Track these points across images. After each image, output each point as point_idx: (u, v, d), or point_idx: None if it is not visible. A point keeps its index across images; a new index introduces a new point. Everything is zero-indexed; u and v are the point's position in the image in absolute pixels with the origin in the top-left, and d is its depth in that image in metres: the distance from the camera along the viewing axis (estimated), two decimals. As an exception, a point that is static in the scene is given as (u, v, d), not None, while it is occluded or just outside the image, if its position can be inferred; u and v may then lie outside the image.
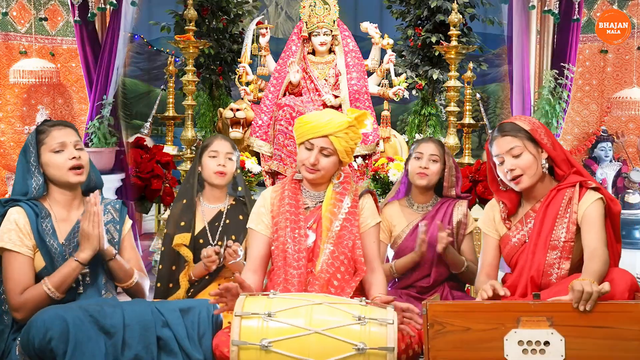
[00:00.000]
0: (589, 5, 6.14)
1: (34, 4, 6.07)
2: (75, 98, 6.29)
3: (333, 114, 2.62)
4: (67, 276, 2.37)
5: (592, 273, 2.23)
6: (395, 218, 3.14)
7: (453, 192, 3.15)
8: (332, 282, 2.49)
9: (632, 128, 6.29)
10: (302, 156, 2.59)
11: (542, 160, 2.50)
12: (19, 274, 2.37)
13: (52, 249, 2.42)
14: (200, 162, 3.10)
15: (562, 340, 2.04)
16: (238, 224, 3.07)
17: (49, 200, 2.51)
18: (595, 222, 2.40)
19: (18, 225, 2.40)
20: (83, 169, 2.49)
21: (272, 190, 2.69)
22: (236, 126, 4.55)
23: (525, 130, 2.50)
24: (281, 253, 2.54)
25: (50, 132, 2.48)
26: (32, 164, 2.47)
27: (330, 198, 2.59)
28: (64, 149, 2.46)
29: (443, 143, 3.23)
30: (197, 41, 4.45)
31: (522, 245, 2.55)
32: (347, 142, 2.56)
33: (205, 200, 3.12)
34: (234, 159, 3.10)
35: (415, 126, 5.68)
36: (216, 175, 3.04)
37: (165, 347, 2.26)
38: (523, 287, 2.46)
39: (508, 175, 2.50)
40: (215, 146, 3.08)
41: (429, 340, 2.11)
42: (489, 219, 2.67)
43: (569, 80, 4.60)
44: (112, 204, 2.63)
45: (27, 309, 2.34)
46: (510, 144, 2.48)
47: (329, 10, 4.65)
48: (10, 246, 2.38)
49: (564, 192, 2.48)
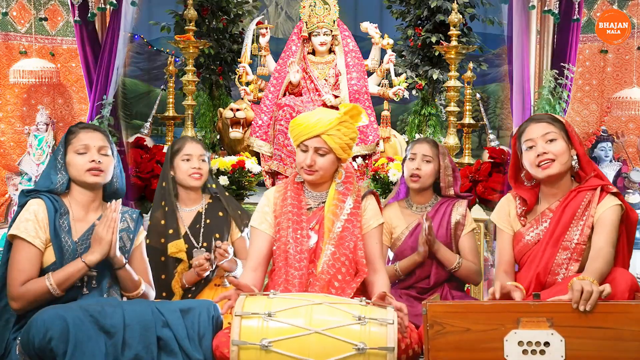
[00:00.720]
0: (589, 5, 6.13)
1: (34, 4, 6.07)
2: (75, 98, 6.28)
3: (322, 112, 2.61)
4: (71, 275, 2.39)
5: (594, 272, 2.23)
6: (395, 220, 3.14)
7: (451, 191, 3.15)
8: (333, 283, 2.49)
9: (632, 128, 6.29)
10: (299, 158, 2.59)
11: (573, 155, 2.49)
12: (25, 264, 2.39)
13: (65, 246, 2.45)
14: (173, 165, 3.08)
15: (562, 341, 2.04)
16: (219, 221, 3.06)
17: (69, 198, 2.56)
18: (607, 224, 2.39)
19: (37, 216, 2.44)
20: (102, 172, 2.53)
21: (275, 190, 2.69)
22: (236, 126, 4.55)
23: (561, 122, 2.51)
24: (282, 253, 2.54)
25: (78, 134, 2.57)
26: (59, 161, 2.55)
27: (333, 198, 2.59)
28: (87, 151, 2.53)
29: (438, 143, 3.22)
30: (197, 41, 4.45)
31: (535, 244, 2.53)
32: (341, 139, 2.54)
33: (182, 205, 3.10)
34: (206, 159, 3.10)
35: (415, 126, 5.67)
36: (192, 178, 3.03)
37: (166, 347, 2.26)
38: (527, 284, 2.45)
39: (537, 160, 2.47)
40: (188, 149, 3.08)
41: (429, 341, 2.11)
42: (504, 213, 2.64)
43: (569, 80, 4.59)
44: (129, 213, 2.66)
45: (25, 299, 2.37)
46: (546, 129, 2.48)
47: (329, 10, 4.65)
48: (24, 235, 2.41)
49: (584, 195, 2.47)
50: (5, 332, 2.44)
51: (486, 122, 5.85)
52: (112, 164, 2.59)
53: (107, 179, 2.57)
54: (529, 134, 2.51)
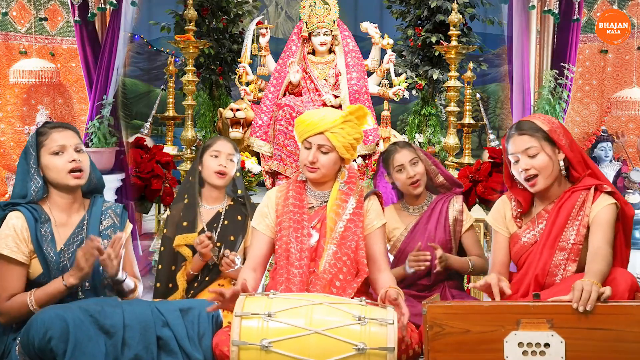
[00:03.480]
0: (589, 5, 6.13)
1: (34, 4, 6.06)
2: (75, 98, 6.28)
3: (327, 110, 2.62)
4: (52, 296, 2.35)
5: (594, 273, 2.21)
6: (393, 222, 3.13)
7: (440, 178, 3.15)
8: (334, 282, 2.49)
9: (632, 128, 6.29)
10: (302, 155, 2.60)
11: (559, 161, 2.48)
12: (9, 280, 2.36)
13: (48, 257, 2.40)
14: (202, 161, 3.10)
15: (562, 342, 2.04)
16: (236, 224, 3.06)
17: (48, 204, 2.49)
18: (604, 223, 2.39)
19: (16, 230, 2.38)
20: (83, 172, 2.46)
21: (277, 190, 2.70)
22: (236, 126, 4.55)
23: (544, 131, 2.47)
24: (284, 252, 2.54)
25: (50, 134, 2.45)
26: (31, 166, 2.44)
27: (335, 198, 2.59)
28: (63, 151, 2.44)
29: (409, 142, 3.24)
30: (197, 41, 4.45)
31: (532, 246, 2.53)
32: (345, 137, 2.54)
33: (204, 202, 3.11)
34: (235, 160, 3.10)
35: (415, 126, 5.67)
36: (216, 175, 3.04)
37: (165, 347, 2.26)
38: (526, 286, 2.45)
39: (522, 174, 2.48)
40: (217, 146, 3.09)
41: (429, 342, 2.11)
42: (500, 215, 2.65)
43: (569, 80, 4.59)
44: (112, 209, 2.61)
45: (10, 315, 2.36)
46: (526, 144, 2.46)
47: (329, 10, 4.65)
48: (6, 252, 2.36)
49: (578, 195, 2.47)
50: (4, 333, 2.43)
51: (486, 122, 5.85)
52: (87, 162, 2.49)
53: (86, 178, 2.49)
54: (512, 148, 2.51)
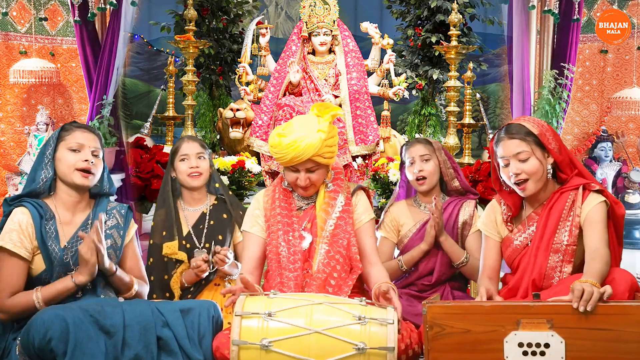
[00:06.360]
0: (589, 5, 6.13)
1: (34, 4, 6.07)
2: (75, 98, 6.29)
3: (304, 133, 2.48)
4: (60, 293, 2.36)
5: (594, 274, 2.21)
6: (403, 217, 3.12)
7: (456, 183, 3.13)
8: (329, 281, 2.49)
9: (632, 128, 6.29)
10: (290, 177, 2.57)
11: (547, 165, 2.48)
12: (11, 275, 2.36)
13: (53, 254, 2.41)
14: (174, 167, 3.08)
15: (562, 343, 2.04)
16: (223, 223, 3.05)
17: (54, 201, 2.50)
18: (597, 223, 2.39)
19: (21, 226, 2.39)
20: (92, 175, 2.48)
21: (264, 194, 2.68)
22: (236, 126, 4.55)
23: (534, 135, 2.46)
24: (275, 256, 2.54)
25: (73, 132, 2.50)
26: (47, 156, 2.48)
27: (324, 197, 2.59)
28: (80, 150, 2.47)
29: (430, 140, 3.20)
30: (197, 41, 4.45)
31: (525, 248, 2.53)
32: (328, 149, 2.53)
33: (186, 204, 3.09)
34: (206, 157, 3.08)
35: (415, 126, 5.67)
36: (191, 177, 3.03)
37: (165, 347, 2.25)
38: (524, 290, 2.45)
39: (512, 178, 2.47)
40: (184, 149, 3.07)
41: (429, 342, 2.11)
42: (490, 220, 2.65)
43: (569, 80, 4.59)
44: (117, 209, 2.61)
45: (12, 313, 2.35)
46: (517, 148, 2.45)
47: (329, 10, 4.65)
48: (9, 246, 2.36)
49: (567, 195, 2.46)
50: (5, 332, 2.43)
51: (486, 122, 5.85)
52: (101, 167, 2.53)
53: (94, 182, 2.51)
54: (502, 151, 2.50)
